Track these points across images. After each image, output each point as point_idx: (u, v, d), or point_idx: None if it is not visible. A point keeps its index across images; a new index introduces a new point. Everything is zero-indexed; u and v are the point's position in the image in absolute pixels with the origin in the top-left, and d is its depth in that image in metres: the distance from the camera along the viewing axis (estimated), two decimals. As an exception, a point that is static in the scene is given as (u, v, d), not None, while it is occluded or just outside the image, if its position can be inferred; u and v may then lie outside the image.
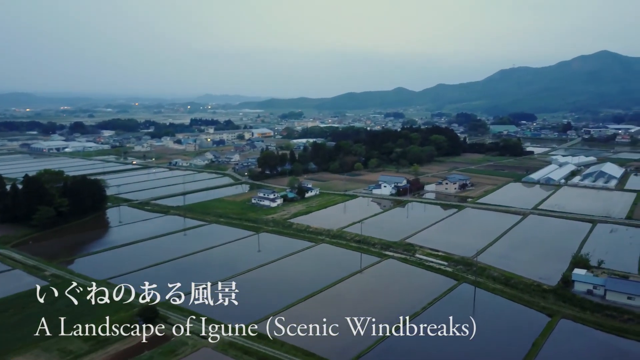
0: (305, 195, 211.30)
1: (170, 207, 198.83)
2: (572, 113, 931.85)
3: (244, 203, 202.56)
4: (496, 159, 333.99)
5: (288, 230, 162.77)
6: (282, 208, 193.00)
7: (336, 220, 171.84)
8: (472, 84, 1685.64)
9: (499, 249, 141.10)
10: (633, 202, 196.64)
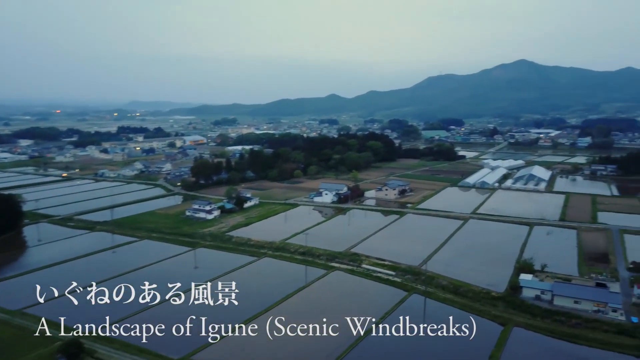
0: (244, 205, 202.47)
1: (96, 222, 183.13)
2: (496, 118, 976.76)
3: (178, 216, 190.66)
4: (431, 163, 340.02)
5: (227, 245, 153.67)
6: (219, 220, 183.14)
7: (278, 231, 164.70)
8: (402, 90, 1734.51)
9: (444, 255, 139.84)
10: (563, 204, 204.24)
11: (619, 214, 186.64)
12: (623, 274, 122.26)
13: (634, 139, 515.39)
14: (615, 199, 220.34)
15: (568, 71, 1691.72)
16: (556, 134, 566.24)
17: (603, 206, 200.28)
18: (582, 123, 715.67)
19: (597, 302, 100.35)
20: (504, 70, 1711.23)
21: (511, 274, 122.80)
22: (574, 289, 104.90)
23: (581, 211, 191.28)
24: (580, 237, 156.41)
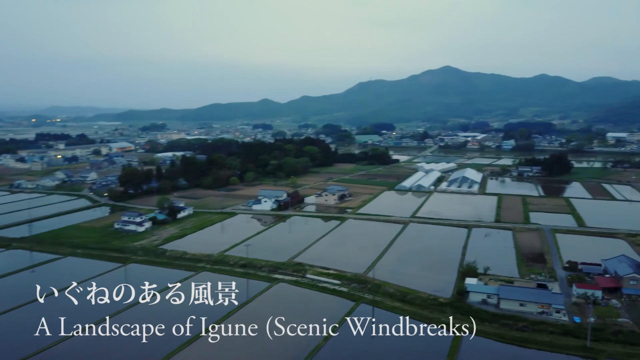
0: (177, 215, 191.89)
1: (12, 239, 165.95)
2: (425, 122, 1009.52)
3: (106, 229, 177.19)
4: (367, 168, 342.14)
5: (161, 259, 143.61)
6: (151, 233, 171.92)
7: (216, 242, 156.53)
8: (334, 96, 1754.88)
9: (388, 261, 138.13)
10: (497, 205, 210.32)
11: (549, 214, 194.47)
12: (560, 274, 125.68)
13: (552, 141, 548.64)
14: (543, 199, 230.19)
15: (489, 77, 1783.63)
16: (482, 137, 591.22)
17: (533, 206, 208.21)
18: (504, 127, 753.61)
19: (541, 303, 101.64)
20: (430, 76, 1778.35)
21: (456, 278, 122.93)
22: (519, 292, 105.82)
23: (514, 212, 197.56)
24: (516, 238, 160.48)
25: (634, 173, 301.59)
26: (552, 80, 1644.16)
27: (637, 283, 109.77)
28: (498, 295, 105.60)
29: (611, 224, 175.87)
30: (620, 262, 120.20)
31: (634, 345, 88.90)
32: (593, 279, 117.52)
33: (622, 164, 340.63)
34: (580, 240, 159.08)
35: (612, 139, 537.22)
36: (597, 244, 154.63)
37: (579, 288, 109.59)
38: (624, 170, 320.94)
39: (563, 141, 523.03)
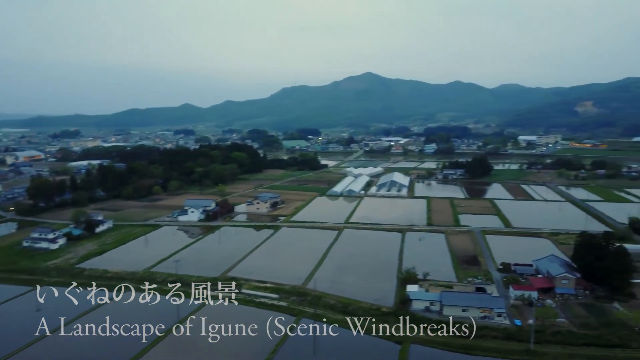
0: (95, 230, 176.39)
1: None
2: (348, 127, 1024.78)
3: (13, 248, 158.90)
4: (297, 173, 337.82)
5: (79, 279, 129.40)
6: (67, 250, 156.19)
7: (141, 258, 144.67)
8: (258, 100, 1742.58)
9: (327, 271, 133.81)
10: (427, 209, 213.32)
11: (476, 216, 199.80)
12: (496, 276, 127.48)
13: (470, 145, 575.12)
14: (468, 201, 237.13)
15: (408, 83, 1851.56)
16: (405, 142, 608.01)
17: (461, 208, 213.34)
18: (424, 131, 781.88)
19: (483, 308, 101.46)
20: (352, 82, 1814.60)
21: (396, 285, 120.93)
22: (461, 297, 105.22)
23: (444, 215, 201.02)
24: (449, 241, 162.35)
25: (547, 174, 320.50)
26: (466, 86, 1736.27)
27: (569, 282, 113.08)
28: (441, 301, 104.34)
29: (534, 223, 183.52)
30: (551, 262, 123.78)
31: (573, 345, 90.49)
32: (527, 280, 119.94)
33: (535, 165, 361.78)
34: (508, 241, 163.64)
35: (523, 141, 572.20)
36: (524, 244, 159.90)
37: (516, 290, 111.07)
38: (538, 171, 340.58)
39: (480, 144, 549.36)
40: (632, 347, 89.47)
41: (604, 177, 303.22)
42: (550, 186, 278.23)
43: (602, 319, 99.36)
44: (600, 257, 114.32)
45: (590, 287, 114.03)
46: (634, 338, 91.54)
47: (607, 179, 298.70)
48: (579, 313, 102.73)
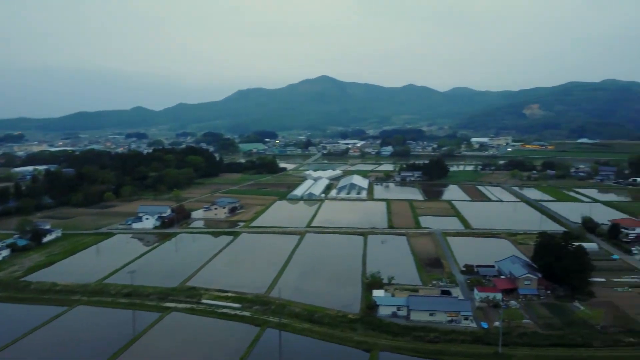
0: (43, 240, 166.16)
1: None
2: (305, 130, 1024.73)
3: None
4: (255, 177, 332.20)
5: (24, 294, 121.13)
6: (10, 262, 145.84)
7: (92, 269, 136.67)
8: (213, 103, 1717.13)
9: (290, 277, 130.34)
10: (387, 211, 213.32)
11: (436, 217, 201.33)
12: (459, 278, 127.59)
13: (425, 147, 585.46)
14: (427, 202, 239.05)
15: (363, 87, 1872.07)
16: (362, 144, 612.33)
17: (421, 210, 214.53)
18: (379, 134, 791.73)
19: (450, 312, 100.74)
20: (308, 85, 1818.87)
21: (361, 290, 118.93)
22: (428, 302, 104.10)
23: (404, 217, 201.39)
24: (411, 243, 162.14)
25: (501, 175, 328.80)
26: (419, 90, 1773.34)
27: (531, 283, 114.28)
28: (408, 306, 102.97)
29: (492, 224, 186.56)
30: (513, 262, 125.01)
31: (539, 346, 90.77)
32: (490, 281, 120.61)
33: (489, 166, 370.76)
34: (469, 242, 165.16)
35: (476, 143, 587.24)
36: (484, 245, 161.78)
37: (481, 292, 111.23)
38: (492, 172, 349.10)
39: (435, 146, 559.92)
40: (594, 346, 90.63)
41: (554, 178, 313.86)
42: (504, 187, 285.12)
43: (564, 318, 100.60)
44: (560, 257, 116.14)
45: (551, 286, 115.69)
46: (595, 337, 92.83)
47: (557, 179, 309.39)
48: (543, 313, 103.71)
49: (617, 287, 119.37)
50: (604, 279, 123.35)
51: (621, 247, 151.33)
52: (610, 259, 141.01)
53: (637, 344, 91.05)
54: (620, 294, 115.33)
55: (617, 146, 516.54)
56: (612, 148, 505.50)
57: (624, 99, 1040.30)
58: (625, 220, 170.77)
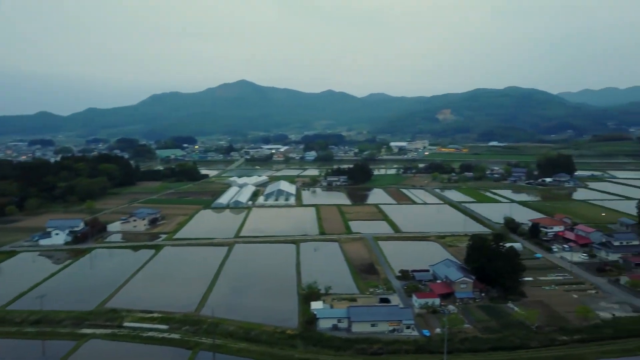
0: None
1: None
2: (226, 135, 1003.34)
3: None
4: (175, 185, 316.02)
5: None
6: None
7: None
8: (126, 108, 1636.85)
9: (221, 292, 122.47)
10: (317, 217, 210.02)
11: (366, 222, 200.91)
12: (396, 284, 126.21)
13: (347, 151, 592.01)
14: (355, 207, 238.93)
15: (283, 92, 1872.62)
16: (286, 149, 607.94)
17: (350, 215, 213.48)
18: (301, 138, 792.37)
19: (392, 321, 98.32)
20: (227, 89, 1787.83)
21: (298, 303, 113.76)
22: (369, 312, 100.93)
23: (335, 222, 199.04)
24: (344, 250, 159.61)
25: (422, 178, 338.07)
26: (338, 95, 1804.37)
27: (467, 286, 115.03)
28: (349, 318, 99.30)
29: (421, 227, 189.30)
30: (448, 266, 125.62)
31: (481, 351, 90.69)
32: (427, 286, 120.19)
33: (410, 169, 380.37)
34: (401, 246, 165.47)
35: (395, 147, 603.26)
36: (416, 249, 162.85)
37: (420, 298, 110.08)
38: (414, 175, 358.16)
39: (356, 151, 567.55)
40: (532, 347, 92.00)
41: (472, 179, 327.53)
42: (427, 189, 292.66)
43: (501, 320, 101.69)
44: (492, 259, 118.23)
45: (485, 288, 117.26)
46: (532, 337, 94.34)
47: (475, 181, 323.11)
48: (480, 317, 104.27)
49: (545, 285, 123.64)
50: (531, 278, 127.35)
51: (542, 246, 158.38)
52: (534, 257, 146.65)
53: (571, 341, 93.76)
54: (548, 292, 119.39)
55: (523, 149, 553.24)
56: (519, 150, 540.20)
57: (525, 105, 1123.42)
58: (544, 220, 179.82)
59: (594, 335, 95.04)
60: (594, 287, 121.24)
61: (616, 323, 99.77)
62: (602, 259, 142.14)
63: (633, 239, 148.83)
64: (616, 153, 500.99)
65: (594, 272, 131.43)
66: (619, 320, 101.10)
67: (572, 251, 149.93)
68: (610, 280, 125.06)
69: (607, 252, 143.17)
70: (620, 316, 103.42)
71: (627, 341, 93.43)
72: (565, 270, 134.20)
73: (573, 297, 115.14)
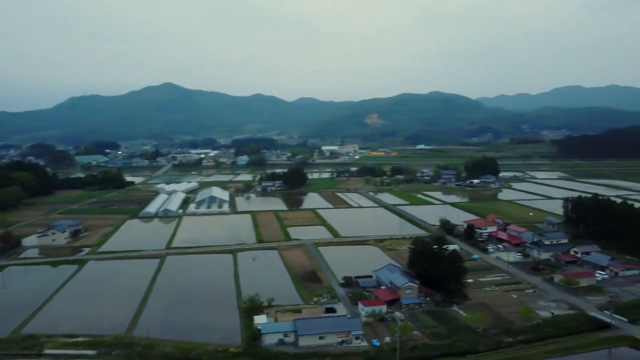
0: None
1: None
2: (151, 140, 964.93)
3: None
4: (98, 193, 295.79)
5: None
6: None
7: None
8: (41, 111, 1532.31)
9: (155, 310, 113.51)
10: (254, 224, 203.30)
11: (304, 227, 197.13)
12: (340, 292, 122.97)
13: (280, 156, 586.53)
14: (292, 212, 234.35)
15: (210, 95, 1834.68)
16: (215, 154, 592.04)
17: (287, 221, 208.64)
18: (231, 143, 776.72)
19: (340, 332, 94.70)
20: (152, 93, 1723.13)
21: (240, 317, 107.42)
22: (316, 324, 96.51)
23: (272, 229, 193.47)
24: (284, 258, 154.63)
25: (356, 181, 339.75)
26: (267, 99, 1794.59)
27: (412, 291, 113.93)
28: (296, 332, 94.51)
29: (359, 231, 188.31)
30: (392, 271, 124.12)
31: (432, 358, 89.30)
32: (372, 293, 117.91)
33: (343, 173, 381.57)
34: (341, 252, 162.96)
35: (327, 151, 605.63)
36: (356, 253, 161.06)
37: (366, 306, 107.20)
38: (347, 179, 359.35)
39: (289, 155, 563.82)
40: (480, 351, 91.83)
41: (404, 182, 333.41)
42: (362, 193, 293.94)
43: (449, 325, 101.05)
44: (436, 263, 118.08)
45: (429, 293, 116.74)
46: (479, 341, 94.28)
47: (407, 184, 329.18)
48: (428, 322, 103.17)
49: (485, 286, 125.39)
50: (471, 279, 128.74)
51: (478, 247, 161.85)
52: (471, 259, 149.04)
53: (516, 342, 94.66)
54: (489, 293, 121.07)
55: (449, 151, 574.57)
56: (445, 153, 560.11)
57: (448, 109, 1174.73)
58: (478, 221, 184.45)
59: (537, 335, 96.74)
60: (531, 287, 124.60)
61: (555, 322, 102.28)
62: (535, 258, 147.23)
63: (562, 238, 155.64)
64: (532, 155, 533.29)
65: (529, 272, 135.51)
66: (558, 319, 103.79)
67: (506, 251, 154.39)
68: (545, 279, 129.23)
69: (539, 251, 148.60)
70: (559, 314, 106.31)
71: (567, 339, 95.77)
72: (503, 271, 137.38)
73: (513, 297, 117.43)
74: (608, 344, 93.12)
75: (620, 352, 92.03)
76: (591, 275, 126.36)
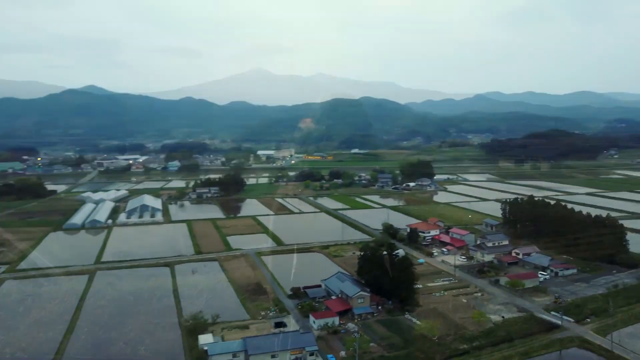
0: None
1: None
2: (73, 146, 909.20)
3: None
4: (16, 204, 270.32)
5: None
6: None
7: None
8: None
9: (85, 336, 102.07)
10: (190, 234, 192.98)
11: (245, 236, 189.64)
12: (288, 304, 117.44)
13: (213, 161, 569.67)
14: (231, 220, 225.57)
15: (137, 98, 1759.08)
16: (145, 160, 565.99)
17: (227, 230, 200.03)
18: (161, 148, 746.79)
19: (294, 349, 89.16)
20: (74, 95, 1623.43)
21: (182, 337, 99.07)
22: (268, 342, 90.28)
23: (211, 239, 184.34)
24: (226, 269, 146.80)
25: (295, 186, 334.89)
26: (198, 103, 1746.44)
27: (364, 300, 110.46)
28: (246, 351, 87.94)
29: (302, 238, 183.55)
30: (342, 280, 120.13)
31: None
32: (322, 304, 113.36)
33: (282, 178, 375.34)
34: (285, 260, 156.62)
35: (263, 156, 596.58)
36: (301, 261, 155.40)
37: (318, 319, 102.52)
38: (286, 184, 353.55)
39: (224, 160, 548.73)
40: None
41: (342, 186, 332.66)
42: (302, 198, 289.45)
43: (403, 335, 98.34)
44: (386, 270, 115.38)
45: (381, 301, 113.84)
46: (435, 350, 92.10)
47: (345, 188, 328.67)
48: (382, 333, 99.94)
49: (434, 292, 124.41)
50: (420, 285, 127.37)
51: (423, 251, 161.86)
52: (418, 263, 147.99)
53: (471, 349, 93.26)
54: (439, 298, 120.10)
55: (383, 155, 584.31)
56: (379, 157, 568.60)
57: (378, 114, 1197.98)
58: (421, 224, 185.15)
59: (490, 340, 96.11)
60: (478, 290, 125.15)
61: (507, 325, 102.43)
62: (479, 261, 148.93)
63: (503, 239, 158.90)
64: (462, 157, 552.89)
65: (475, 274, 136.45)
66: (509, 322, 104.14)
67: (451, 254, 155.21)
68: (490, 281, 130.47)
69: (482, 254, 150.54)
70: (509, 318, 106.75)
71: (522, 342, 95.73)
72: (450, 275, 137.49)
73: (463, 302, 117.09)
74: (560, 346, 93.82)
75: (571, 354, 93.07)
76: (535, 277, 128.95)
